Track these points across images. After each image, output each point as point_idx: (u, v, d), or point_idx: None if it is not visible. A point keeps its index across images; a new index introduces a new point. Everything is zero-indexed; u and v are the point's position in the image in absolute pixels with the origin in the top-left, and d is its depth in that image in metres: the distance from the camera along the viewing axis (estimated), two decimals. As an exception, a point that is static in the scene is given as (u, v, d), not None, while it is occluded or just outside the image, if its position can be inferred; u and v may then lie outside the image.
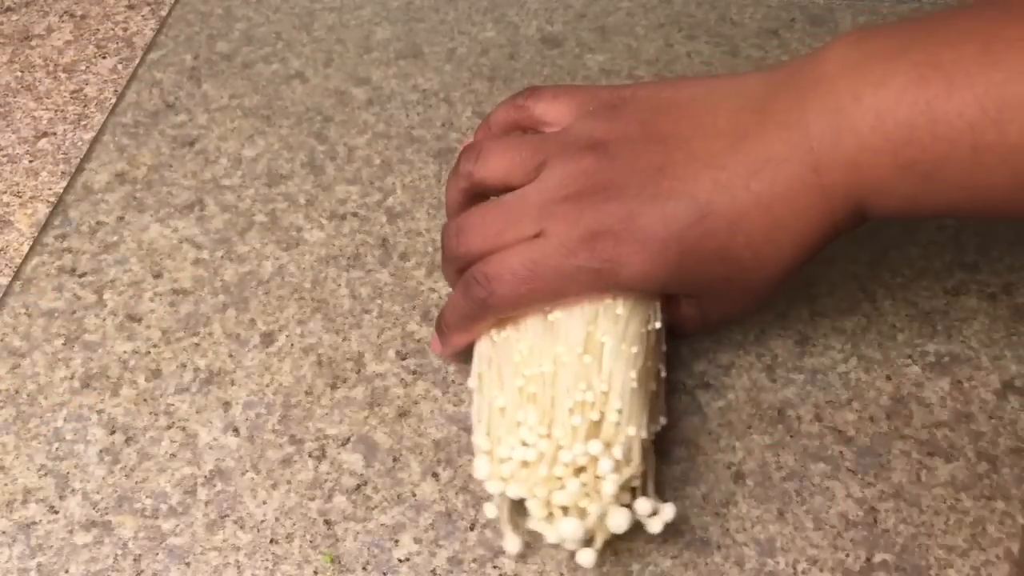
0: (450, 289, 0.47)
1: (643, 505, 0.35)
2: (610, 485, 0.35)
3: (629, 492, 0.36)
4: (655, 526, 0.36)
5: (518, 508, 0.37)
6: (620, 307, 0.37)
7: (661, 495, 0.38)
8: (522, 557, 0.37)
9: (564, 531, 0.35)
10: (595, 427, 0.36)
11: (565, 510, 0.35)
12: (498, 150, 0.38)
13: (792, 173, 0.32)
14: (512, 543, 0.36)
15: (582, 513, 0.35)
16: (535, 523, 0.36)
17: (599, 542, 0.36)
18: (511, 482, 0.36)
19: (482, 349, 0.40)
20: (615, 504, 0.35)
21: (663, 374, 0.40)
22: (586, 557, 0.36)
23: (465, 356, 0.42)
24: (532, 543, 0.38)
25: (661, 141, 0.34)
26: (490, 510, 0.37)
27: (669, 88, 0.37)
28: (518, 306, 0.37)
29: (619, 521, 0.35)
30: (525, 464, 0.36)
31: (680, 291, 0.38)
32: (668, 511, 0.35)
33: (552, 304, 0.37)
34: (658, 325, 0.39)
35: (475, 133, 0.44)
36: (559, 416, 0.36)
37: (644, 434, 0.36)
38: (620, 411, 0.36)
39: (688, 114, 0.35)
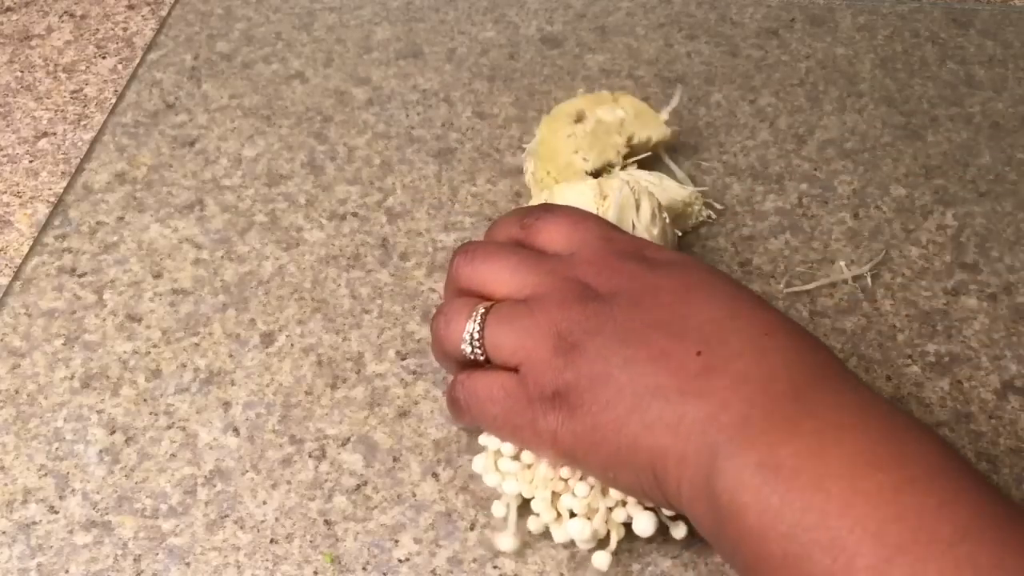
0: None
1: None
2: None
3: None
4: (679, 531, 0.36)
5: (521, 510, 0.37)
6: None
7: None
8: (522, 557, 0.37)
9: (572, 531, 0.35)
10: None
11: (572, 513, 0.35)
12: (489, 262, 0.37)
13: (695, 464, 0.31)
14: (508, 542, 0.37)
15: (591, 512, 0.35)
16: (541, 523, 0.36)
17: (613, 543, 0.35)
18: (509, 478, 0.36)
19: None
20: (638, 508, 0.35)
21: None
22: (601, 559, 0.35)
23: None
24: (532, 542, 0.38)
25: (642, 338, 0.33)
26: (497, 508, 0.37)
27: (683, 281, 0.35)
28: (494, 434, 0.37)
29: (645, 525, 0.35)
30: (528, 467, 0.36)
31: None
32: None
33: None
34: None
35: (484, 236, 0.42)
36: None
37: None
38: None
39: (675, 327, 0.33)
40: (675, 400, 0.31)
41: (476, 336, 0.36)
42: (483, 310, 0.36)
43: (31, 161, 0.56)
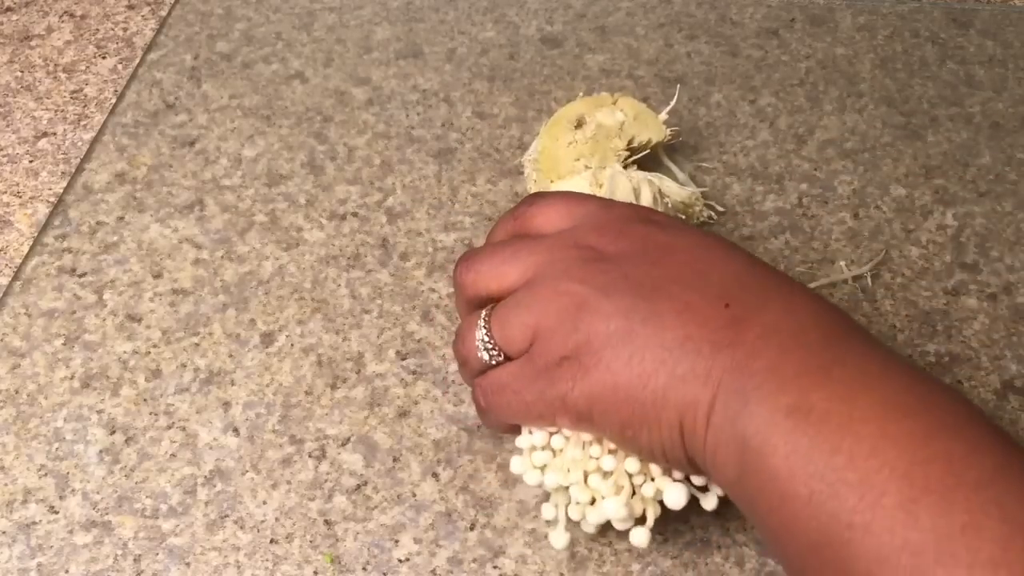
0: (451, 290, 0.47)
1: (696, 478, 0.34)
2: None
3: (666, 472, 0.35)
4: (710, 502, 0.35)
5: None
6: None
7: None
8: (522, 557, 0.37)
9: (608, 511, 0.34)
10: None
11: (605, 486, 0.35)
12: (489, 260, 0.37)
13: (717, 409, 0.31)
14: (561, 539, 0.36)
15: (618, 489, 0.34)
16: (578, 509, 0.35)
17: (651, 521, 0.35)
18: (547, 471, 0.35)
19: None
20: (667, 480, 0.34)
21: None
22: (640, 536, 0.34)
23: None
24: (533, 542, 0.38)
25: (649, 294, 0.33)
26: (547, 511, 0.36)
27: (664, 247, 0.34)
28: (515, 421, 0.36)
29: (676, 496, 0.34)
30: (556, 453, 0.35)
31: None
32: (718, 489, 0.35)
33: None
34: None
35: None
36: None
37: None
38: None
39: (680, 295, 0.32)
40: (707, 352, 0.30)
41: (487, 339, 0.35)
42: (485, 313, 0.36)
43: (31, 161, 0.56)
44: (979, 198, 0.51)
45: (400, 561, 0.37)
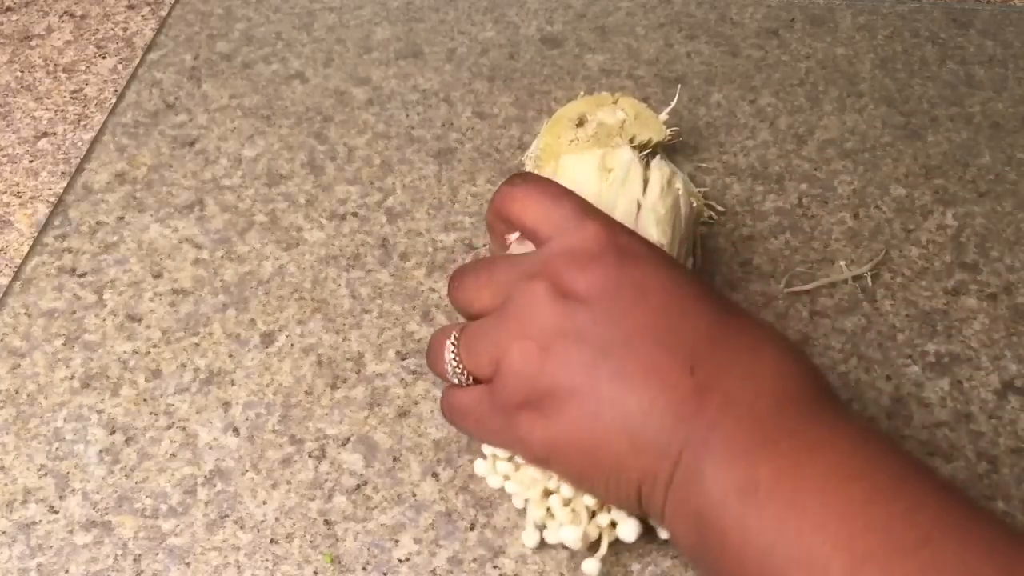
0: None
1: None
2: None
3: None
4: (666, 532, 0.35)
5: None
6: None
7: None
8: (522, 557, 0.37)
9: (563, 536, 0.35)
10: None
11: (562, 513, 0.35)
12: (473, 278, 0.37)
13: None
14: (531, 538, 0.37)
15: (576, 518, 0.35)
16: (539, 518, 0.36)
17: (603, 550, 0.35)
18: (508, 480, 0.36)
19: None
20: (623, 513, 0.35)
21: None
22: (591, 567, 0.35)
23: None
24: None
25: (618, 344, 0.32)
26: (518, 501, 0.37)
27: (635, 289, 0.33)
28: (477, 440, 0.38)
29: (629, 531, 0.35)
30: (519, 466, 0.36)
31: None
32: None
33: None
34: None
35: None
36: None
37: None
38: None
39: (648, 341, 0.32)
40: (669, 423, 0.31)
41: (455, 363, 0.36)
42: (454, 336, 0.36)
43: (31, 161, 0.56)
44: (979, 198, 0.51)
45: (400, 561, 0.37)
